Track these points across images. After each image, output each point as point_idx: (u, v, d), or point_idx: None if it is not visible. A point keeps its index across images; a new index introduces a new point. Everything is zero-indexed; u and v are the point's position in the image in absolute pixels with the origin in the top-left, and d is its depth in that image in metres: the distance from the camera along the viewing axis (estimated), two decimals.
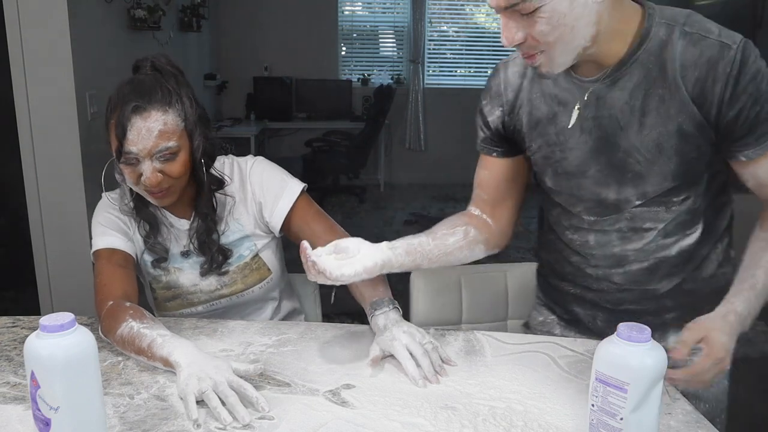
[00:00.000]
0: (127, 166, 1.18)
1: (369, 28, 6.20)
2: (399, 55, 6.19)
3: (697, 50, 0.98)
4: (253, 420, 0.91)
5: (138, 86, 1.17)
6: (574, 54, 0.99)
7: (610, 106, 1.05)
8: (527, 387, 1.03)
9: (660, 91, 1.01)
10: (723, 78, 0.96)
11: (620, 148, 1.06)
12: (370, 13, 6.18)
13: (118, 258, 1.26)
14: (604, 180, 1.10)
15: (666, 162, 1.04)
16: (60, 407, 0.77)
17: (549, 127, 1.12)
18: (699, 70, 0.98)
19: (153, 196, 1.21)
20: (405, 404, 0.97)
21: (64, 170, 2.41)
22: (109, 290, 1.20)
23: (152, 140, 1.15)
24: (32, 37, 2.30)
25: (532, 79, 1.13)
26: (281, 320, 1.44)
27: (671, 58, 0.99)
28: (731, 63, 0.96)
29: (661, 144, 1.03)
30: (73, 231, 2.44)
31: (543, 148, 1.14)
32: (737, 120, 0.99)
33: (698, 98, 0.99)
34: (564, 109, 1.10)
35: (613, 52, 1.02)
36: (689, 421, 0.94)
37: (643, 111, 1.03)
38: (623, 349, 0.79)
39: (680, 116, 1.01)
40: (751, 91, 0.97)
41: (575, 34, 0.96)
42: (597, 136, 1.08)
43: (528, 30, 0.95)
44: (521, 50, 1.00)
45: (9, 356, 1.11)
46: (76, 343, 0.78)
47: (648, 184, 1.07)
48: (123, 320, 1.10)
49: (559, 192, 1.17)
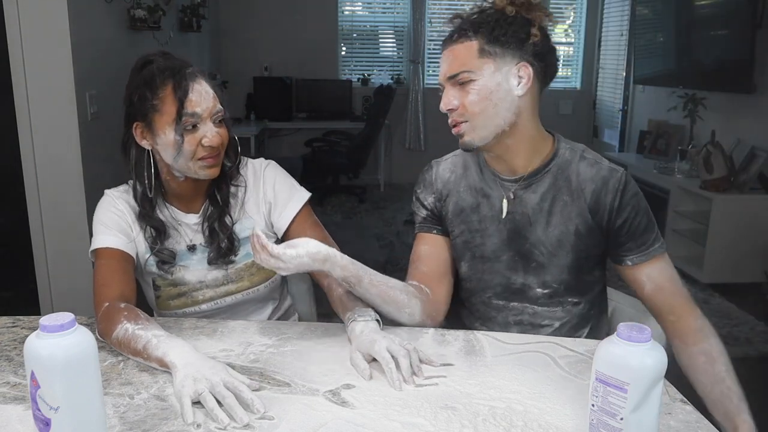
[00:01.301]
0: (187, 132, 1.22)
1: (369, 28, 6.20)
2: (399, 55, 6.20)
3: (594, 170, 1.24)
4: (253, 420, 0.91)
5: (175, 61, 1.24)
6: (494, 132, 1.20)
7: (524, 204, 1.27)
8: (527, 387, 1.03)
9: (565, 197, 1.25)
10: (613, 191, 1.22)
11: (528, 240, 1.27)
12: (370, 13, 6.18)
13: (117, 258, 1.26)
14: (513, 266, 1.29)
15: (564, 256, 1.26)
16: (60, 407, 0.77)
17: (472, 215, 1.31)
18: (596, 184, 1.23)
19: (210, 161, 1.24)
20: (405, 404, 0.97)
21: (64, 170, 2.41)
22: (105, 292, 1.20)
23: (211, 101, 1.24)
24: (32, 37, 2.30)
25: (460, 175, 1.34)
26: (279, 319, 1.44)
27: (575, 173, 1.25)
28: (619, 181, 1.22)
29: (561, 240, 1.25)
30: (73, 231, 2.45)
31: (465, 233, 1.32)
32: (623, 227, 1.23)
33: (593, 206, 1.23)
34: (487, 200, 1.30)
35: (531, 163, 1.26)
36: (689, 421, 0.94)
37: (550, 212, 1.26)
38: (623, 349, 0.79)
39: (578, 219, 1.24)
40: (633, 204, 1.23)
41: (497, 112, 1.19)
42: (510, 228, 1.28)
43: (461, 99, 1.19)
44: (452, 117, 1.22)
45: (9, 356, 1.11)
46: (76, 343, 0.78)
47: (548, 273, 1.27)
48: (118, 322, 1.10)
49: (470, 278, 1.34)
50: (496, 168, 1.29)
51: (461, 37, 1.19)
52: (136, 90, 1.23)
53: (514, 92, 1.18)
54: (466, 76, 1.18)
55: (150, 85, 1.21)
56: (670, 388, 1.03)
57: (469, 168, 1.33)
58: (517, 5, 1.18)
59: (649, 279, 1.24)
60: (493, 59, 1.17)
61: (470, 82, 1.18)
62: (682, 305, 1.23)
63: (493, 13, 1.18)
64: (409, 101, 6.07)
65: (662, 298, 1.24)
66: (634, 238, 1.23)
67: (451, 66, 1.20)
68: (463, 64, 1.18)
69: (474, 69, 1.17)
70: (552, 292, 1.28)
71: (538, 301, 1.29)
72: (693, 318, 1.22)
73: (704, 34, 4.19)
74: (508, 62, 1.17)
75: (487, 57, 1.17)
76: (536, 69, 1.19)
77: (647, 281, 1.24)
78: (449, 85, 1.21)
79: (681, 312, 1.23)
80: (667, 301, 1.24)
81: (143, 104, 1.22)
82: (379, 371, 1.05)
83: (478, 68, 1.17)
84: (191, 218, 1.34)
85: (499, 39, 1.17)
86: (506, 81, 1.18)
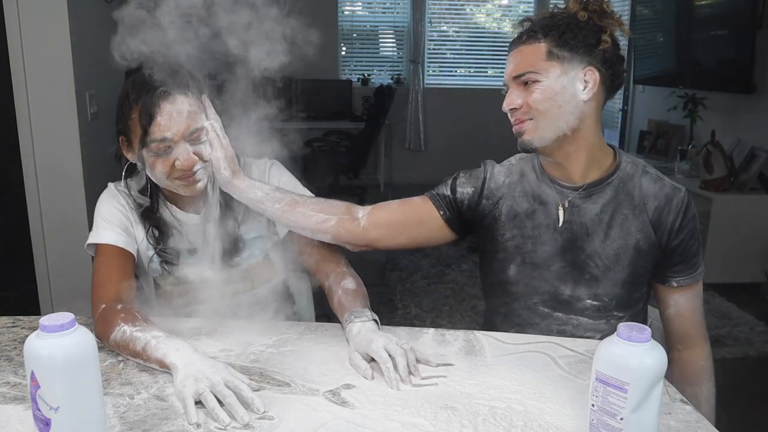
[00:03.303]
0: (158, 157, 1.17)
1: (369, 28, 6.20)
2: (399, 55, 6.19)
3: (657, 186, 1.23)
4: (253, 420, 0.91)
5: (152, 76, 1.17)
6: (556, 134, 1.18)
7: (583, 214, 1.24)
8: (527, 387, 1.03)
9: (625, 211, 1.23)
10: (675, 211, 1.21)
11: (584, 252, 1.25)
12: (370, 13, 6.18)
13: (116, 256, 1.25)
14: (563, 276, 1.27)
15: (620, 270, 1.24)
16: (60, 407, 0.77)
17: (527, 221, 1.28)
18: (659, 201, 1.22)
19: (186, 181, 1.21)
20: (405, 404, 0.97)
21: (64, 170, 2.41)
22: (102, 293, 1.19)
23: (184, 122, 1.16)
24: (32, 37, 2.30)
25: (516, 180, 1.31)
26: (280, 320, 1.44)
27: (637, 187, 1.24)
28: (682, 201, 1.22)
29: (619, 254, 1.24)
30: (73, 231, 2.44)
31: (517, 238, 1.29)
32: (678, 247, 1.23)
33: (655, 223, 1.22)
34: (543, 207, 1.27)
35: (590, 173, 1.24)
36: (689, 420, 0.94)
37: (610, 224, 1.23)
38: (623, 349, 0.79)
39: (639, 234, 1.23)
40: (692, 226, 1.23)
41: (560, 114, 1.17)
42: (566, 237, 1.25)
43: (525, 98, 1.18)
44: (515, 115, 1.20)
45: (9, 356, 1.11)
46: (76, 343, 0.78)
47: (601, 287, 1.25)
48: (115, 325, 1.09)
49: (517, 282, 1.30)
50: (554, 174, 1.27)
51: (530, 39, 1.18)
52: (119, 101, 1.21)
53: (579, 96, 1.17)
54: (531, 76, 1.17)
55: (124, 101, 1.19)
56: (670, 388, 1.03)
57: (526, 174, 1.31)
58: (590, 11, 1.17)
59: (676, 304, 1.27)
60: (560, 63, 1.16)
61: (535, 83, 1.17)
62: (693, 339, 1.27)
63: (564, 17, 1.17)
64: (409, 101, 6.07)
65: (679, 324, 1.28)
66: (685, 260, 1.24)
67: (518, 66, 1.19)
68: (529, 65, 1.17)
69: (540, 70, 1.16)
70: (602, 305, 1.27)
71: (584, 312, 1.28)
72: (697, 356, 1.27)
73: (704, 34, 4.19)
74: (575, 66, 1.16)
75: (555, 60, 1.16)
76: (603, 76, 1.18)
77: (673, 305, 1.27)
78: (514, 85, 1.20)
79: (690, 345, 1.27)
80: (682, 329, 1.28)
81: (121, 120, 1.20)
82: (379, 371, 1.05)
83: (544, 70, 1.16)
84: (193, 218, 1.33)
85: (569, 43, 1.16)
86: (572, 85, 1.17)
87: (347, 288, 1.24)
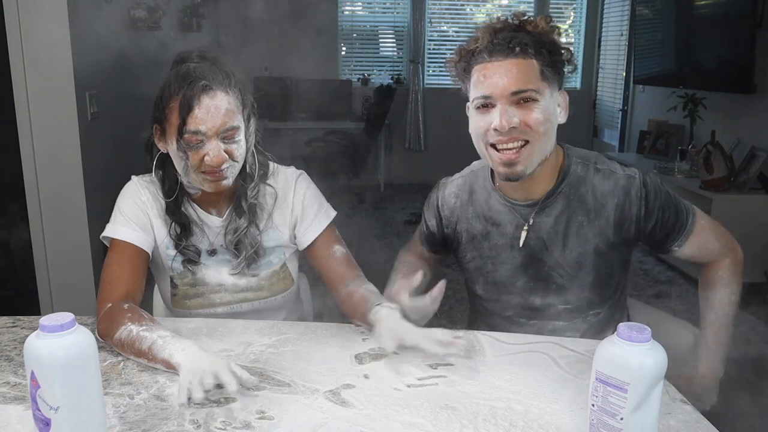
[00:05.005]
0: (189, 148, 1.18)
1: (369, 28, 6.20)
2: (399, 55, 6.19)
3: (611, 182, 1.22)
4: (253, 420, 0.91)
5: (196, 69, 1.18)
6: (541, 159, 1.16)
7: (538, 229, 1.24)
8: (527, 387, 1.03)
9: (580, 218, 1.22)
10: (637, 201, 1.21)
11: (546, 264, 1.25)
12: (370, 13, 6.18)
13: (129, 254, 1.24)
14: (530, 289, 1.28)
15: (585, 276, 1.25)
16: (60, 407, 0.77)
17: (483, 243, 1.29)
18: (617, 197, 1.21)
19: (212, 176, 1.20)
20: (405, 404, 0.97)
21: (64, 170, 2.41)
22: (110, 291, 1.19)
23: (220, 118, 1.17)
24: (32, 37, 2.30)
25: (466, 200, 1.31)
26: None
27: (591, 190, 1.22)
28: (639, 189, 1.21)
29: (581, 261, 1.24)
30: (73, 231, 2.44)
31: (476, 259, 1.31)
32: (656, 227, 1.23)
33: (620, 219, 1.22)
34: (496, 228, 1.27)
35: (543, 185, 1.22)
36: (689, 420, 0.94)
37: (566, 234, 1.23)
38: (623, 349, 0.79)
39: (597, 238, 1.22)
40: (659, 203, 1.22)
41: (551, 137, 1.16)
42: (525, 254, 1.25)
43: (524, 117, 1.12)
44: (510, 135, 1.12)
45: (9, 356, 1.11)
46: (76, 343, 0.78)
47: (570, 293, 1.26)
48: (121, 324, 1.09)
49: (487, 299, 1.33)
50: (511, 195, 1.25)
51: (523, 53, 1.12)
52: (159, 91, 1.21)
53: (558, 119, 1.17)
54: (533, 94, 1.12)
55: (166, 91, 1.19)
56: (670, 388, 1.03)
57: (475, 192, 1.30)
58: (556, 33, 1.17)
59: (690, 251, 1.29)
60: (548, 83, 1.14)
61: (534, 102, 1.12)
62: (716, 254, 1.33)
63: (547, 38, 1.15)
64: (409, 101, 6.07)
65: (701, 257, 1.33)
66: (670, 230, 1.26)
67: (516, 81, 1.12)
68: (529, 82, 1.12)
69: (538, 89, 1.13)
70: (574, 307, 1.27)
71: (559, 316, 1.28)
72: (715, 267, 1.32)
73: (704, 34, 4.18)
74: (554, 89, 1.16)
75: (545, 80, 1.14)
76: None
77: (688, 253, 1.30)
78: (509, 102, 1.12)
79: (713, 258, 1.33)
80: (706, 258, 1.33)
81: (159, 108, 1.20)
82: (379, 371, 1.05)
83: (541, 89, 1.13)
84: (215, 221, 1.32)
85: (555, 64, 1.15)
86: (554, 107, 1.16)
87: (370, 289, 1.25)
